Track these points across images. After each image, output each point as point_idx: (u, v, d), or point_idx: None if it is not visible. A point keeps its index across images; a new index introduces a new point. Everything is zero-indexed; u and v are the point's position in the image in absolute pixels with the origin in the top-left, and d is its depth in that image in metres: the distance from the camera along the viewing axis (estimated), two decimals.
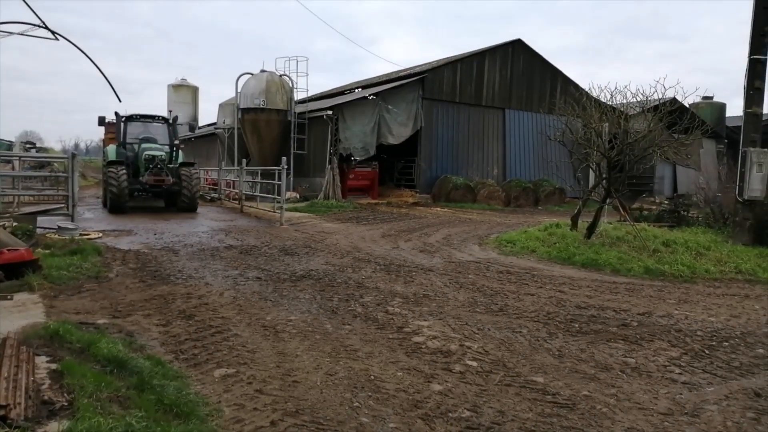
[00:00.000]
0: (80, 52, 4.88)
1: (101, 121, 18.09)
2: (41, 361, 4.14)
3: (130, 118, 18.44)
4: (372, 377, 4.45)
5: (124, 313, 5.93)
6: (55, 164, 21.10)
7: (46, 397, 3.46)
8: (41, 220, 11.61)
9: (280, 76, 24.96)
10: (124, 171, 16.10)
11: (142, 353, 4.65)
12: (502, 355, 5.13)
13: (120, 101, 14.78)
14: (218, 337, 5.27)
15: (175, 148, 18.55)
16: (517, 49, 26.73)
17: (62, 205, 12.18)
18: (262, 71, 24.89)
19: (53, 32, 4.83)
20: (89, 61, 4.84)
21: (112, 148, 18.22)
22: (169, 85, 40.10)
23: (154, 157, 16.95)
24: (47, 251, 8.52)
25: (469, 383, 4.45)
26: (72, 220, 11.49)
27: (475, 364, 4.86)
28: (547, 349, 5.38)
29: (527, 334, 5.76)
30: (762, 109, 12.11)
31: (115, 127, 19.49)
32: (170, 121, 19.35)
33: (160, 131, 18.83)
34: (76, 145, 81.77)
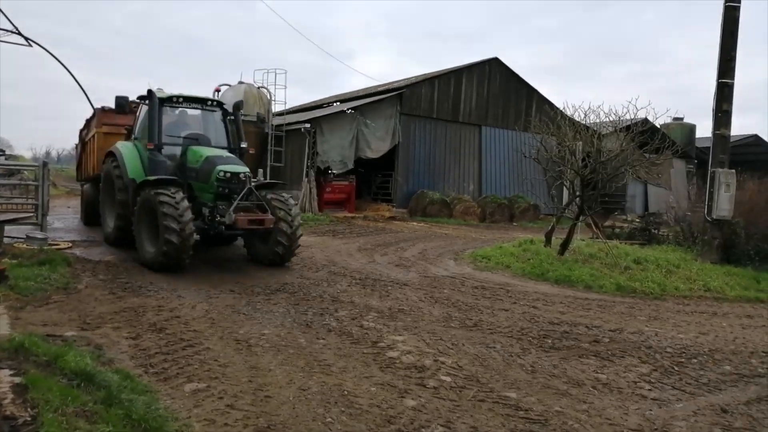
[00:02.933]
0: (52, 59, 4.81)
1: (122, 104, 10.51)
2: (5, 374, 4.01)
3: (169, 101, 10.56)
4: (345, 392, 4.42)
5: (93, 325, 5.80)
6: (26, 172, 20.64)
7: (8, 412, 3.35)
8: (9, 230, 11.31)
9: (258, 88, 24.89)
10: (186, 202, 8.79)
11: (110, 367, 4.55)
12: (475, 370, 5.14)
13: (93, 109, 14.59)
14: (189, 351, 5.18)
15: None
16: (493, 67, 27.11)
17: (32, 215, 11.89)
18: (240, 83, 24.79)
19: (27, 38, 4.75)
20: (62, 67, 4.77)
21: (128, 150, 10.63)
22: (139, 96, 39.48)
23: (235, 176, 9.28)
24: (14, 261, 8.30)
25: (442, 398, 4.45)
26: (41, 230, 11.24)
27: (449, 379, 4.86)
28: (520, 364, 5.41)
29: (501, 349, 5.79)
30: (730, 131, 12.46)
31: (135, 116, 11.50)
32: (231, 110, 11.16)
33: (212, 126, 11.02)
34: (48, 153, 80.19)
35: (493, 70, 27.14)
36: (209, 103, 10.95)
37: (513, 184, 27.14)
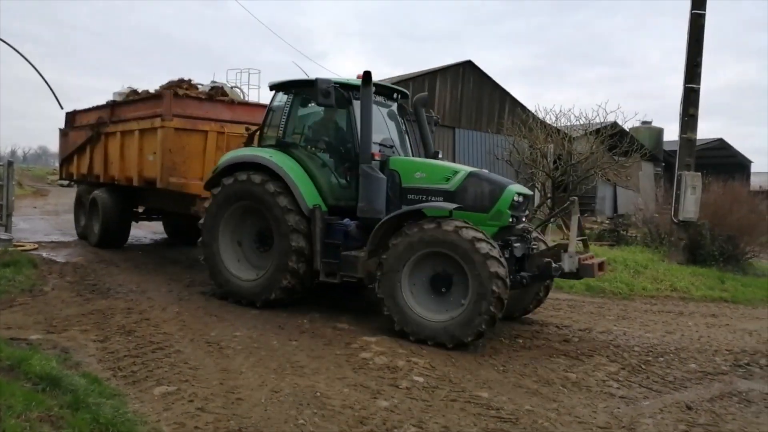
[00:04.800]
0: (15, 56, 4.71)
1: (327, 91, 6.48)
2: None
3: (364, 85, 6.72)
4: (318, 394, 4.41)
5: (60, 328, 5.67)
6: None
7: None
8: None
9: (232, 87, 24.63)
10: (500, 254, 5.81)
11: (77, 370, 4.46)
12: (448, 370, 5.17)
13: (62, 108, 13.40)
14: (159, 354, 5.11)
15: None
16: (467, 69, 27.33)
17: None
18: (213, 82, 24.52)
19: None
20: (28, 65, 4.68)
21: (290, 165, 7.02)
22: (115, 93, 38.92)
23: (526, 200, 6.81)
24: None
25: (415, 399, 4.47)
26: (6, 231, 10.94)
27: (421, 379, 4.88)
28: (492, 364, 5.46)
29: (473, 349, 5.83)
30: (696, 134, 12.78)
31: (268, 109, 7.88)
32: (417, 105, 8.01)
33: (395, 127, 7.76)
34: (13, 152, 78.12)
35: (466, 73, 27.35)
36: (395, 95, 7.77)
37: None
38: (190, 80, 10.30)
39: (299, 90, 7.38)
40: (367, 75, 6.55)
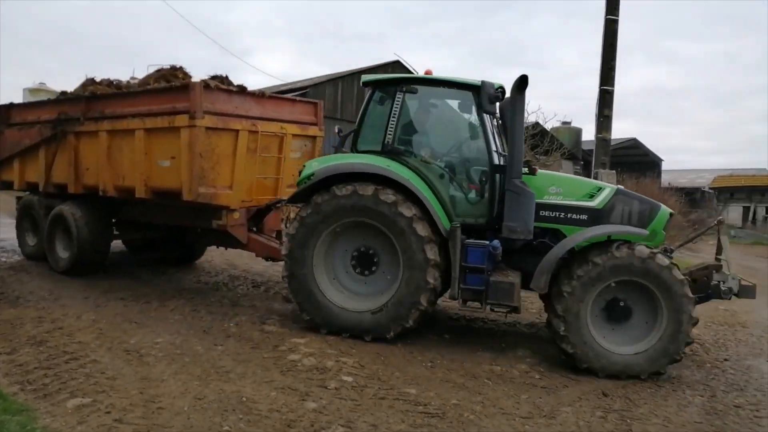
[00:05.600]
0: None
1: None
2: None
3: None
4: (244, 399, 4.31)
5: None
6: None
7: None
8: None
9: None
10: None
11: None
12: (377, 368, 5.19)
13: None
14: (73, 365, 4.84)
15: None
16: (396, 70, 27.55)
17: None
18: (133, 78, 23.51)
19: None
20: None
21: (416, 179, 6.06)
22: (25, 89, 36.39)
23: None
24: None
25: (344, 399, 4.46)
26: None
27: (350, 379, 4.87)
28: (420, 360, 5.53)
29: (402, 346, 5.88)
30: (611, 134, 13.44)
31: (363, 110, 6.75)
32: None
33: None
34: None
35: (395, 72, 27.58)
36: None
37: None
38: (181, 67, 8.60)
39: (424, 89, 6.36)
40: (523, 79, 5.76)
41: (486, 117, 6.10)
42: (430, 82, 6.33)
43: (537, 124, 16.14)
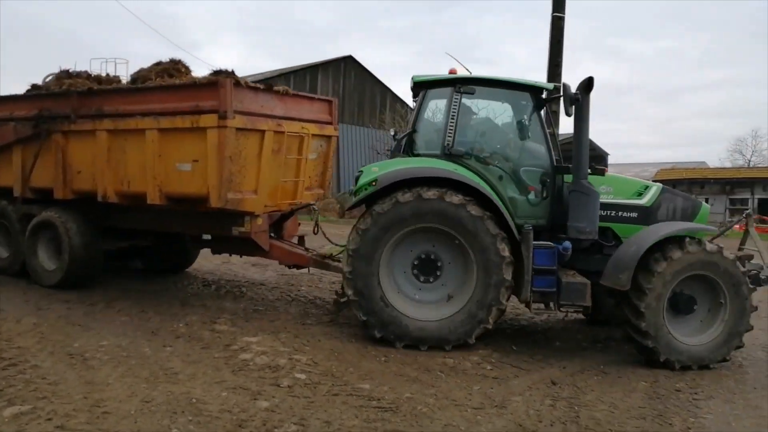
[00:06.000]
0: None
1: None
2: None
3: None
4: (194, 400, 4.22)
5: None
6: None
7: None
8: None
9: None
10: None
11: None
12: (331, 365, 5.17)
13: None
14: (12, 371, 4.64)
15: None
16: (348, 64, 27.51)
17: None
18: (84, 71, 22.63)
19: None
20: None
21: (476, 178, 6.08)
22: None
23: None
24: None
25: (297, 396, 4.42)
26: None
27: (303, 376, 4.84)
28: (374, 355, 5.54)
29: (356, 342, 5.88)
30: (559, 129, 13.78)
31: (417, 109, 6.47)
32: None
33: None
34: None
35: (348, 68, 27.52)
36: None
37: None
38: (180, 60, 7.93)
39: (481, 90, 6.18)
40: (589, 81, 5.75)
41: (543, 117, 6.16)
42: (487, 82, 6.19)
43: None
